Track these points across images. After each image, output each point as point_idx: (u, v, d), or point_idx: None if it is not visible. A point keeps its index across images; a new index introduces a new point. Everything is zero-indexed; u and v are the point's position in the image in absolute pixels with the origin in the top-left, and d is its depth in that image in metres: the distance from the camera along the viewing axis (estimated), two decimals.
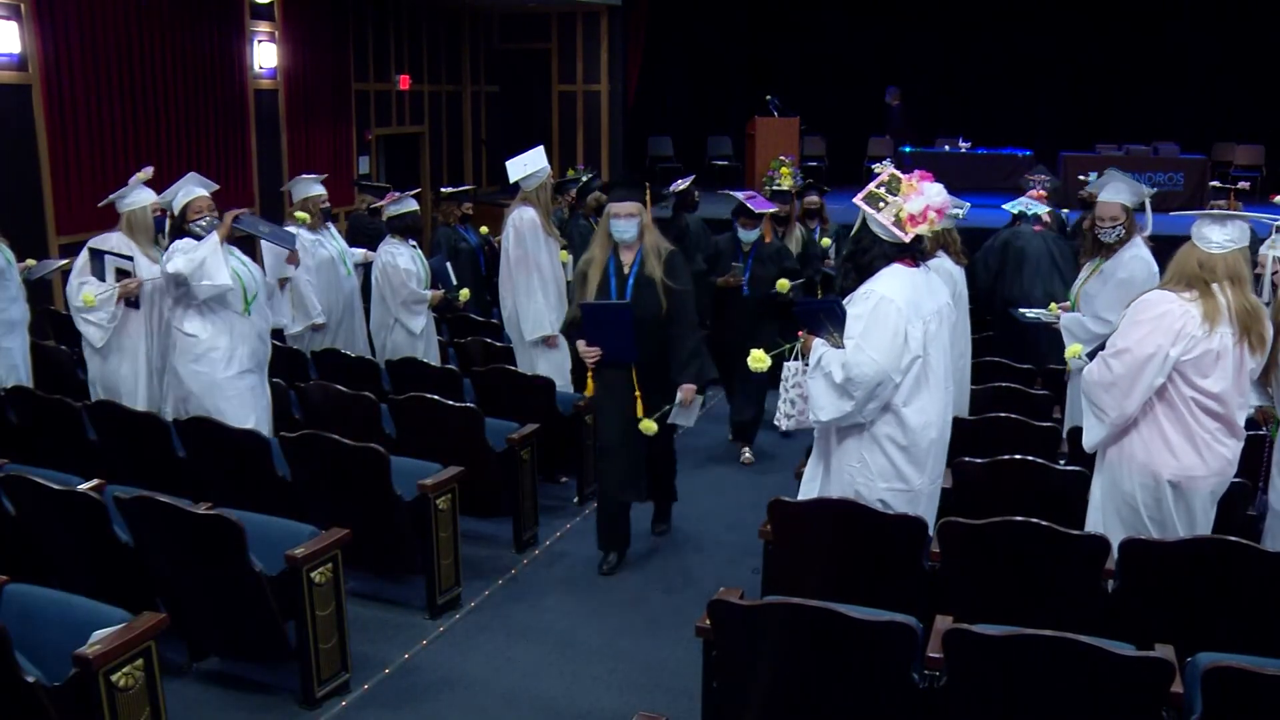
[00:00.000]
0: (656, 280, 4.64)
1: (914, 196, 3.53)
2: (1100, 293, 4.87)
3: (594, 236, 4.92)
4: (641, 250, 4.73)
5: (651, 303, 4.64)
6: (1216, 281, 3.46)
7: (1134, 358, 3.48)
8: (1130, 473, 3.61)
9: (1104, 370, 3.57)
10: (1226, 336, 3.45)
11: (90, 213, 5.45)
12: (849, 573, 3.55)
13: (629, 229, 4.69)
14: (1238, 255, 3.51)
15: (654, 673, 4.01)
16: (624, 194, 4.72)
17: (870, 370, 3.49)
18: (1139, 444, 3.59)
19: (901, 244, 3.58)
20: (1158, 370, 3.46)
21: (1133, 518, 3.62)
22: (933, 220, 3.55)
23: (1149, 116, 14.51)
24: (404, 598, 4.49)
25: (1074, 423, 4.77)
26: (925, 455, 3.65)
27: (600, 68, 13.54)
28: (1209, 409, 3.50)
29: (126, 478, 4.21)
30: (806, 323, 3.77)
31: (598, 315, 4.66)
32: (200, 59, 9.39)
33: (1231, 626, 3.19)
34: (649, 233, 4.74)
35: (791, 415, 3.97)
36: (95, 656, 2.86)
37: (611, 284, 4.75)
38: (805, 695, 2.93)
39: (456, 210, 8.28)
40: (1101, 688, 2.59)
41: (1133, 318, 3.55)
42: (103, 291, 5.25)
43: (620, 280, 4.74)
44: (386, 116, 12.24)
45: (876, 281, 3.58)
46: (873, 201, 3.58)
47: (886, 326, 3.50)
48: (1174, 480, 3.54)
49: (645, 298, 4.64)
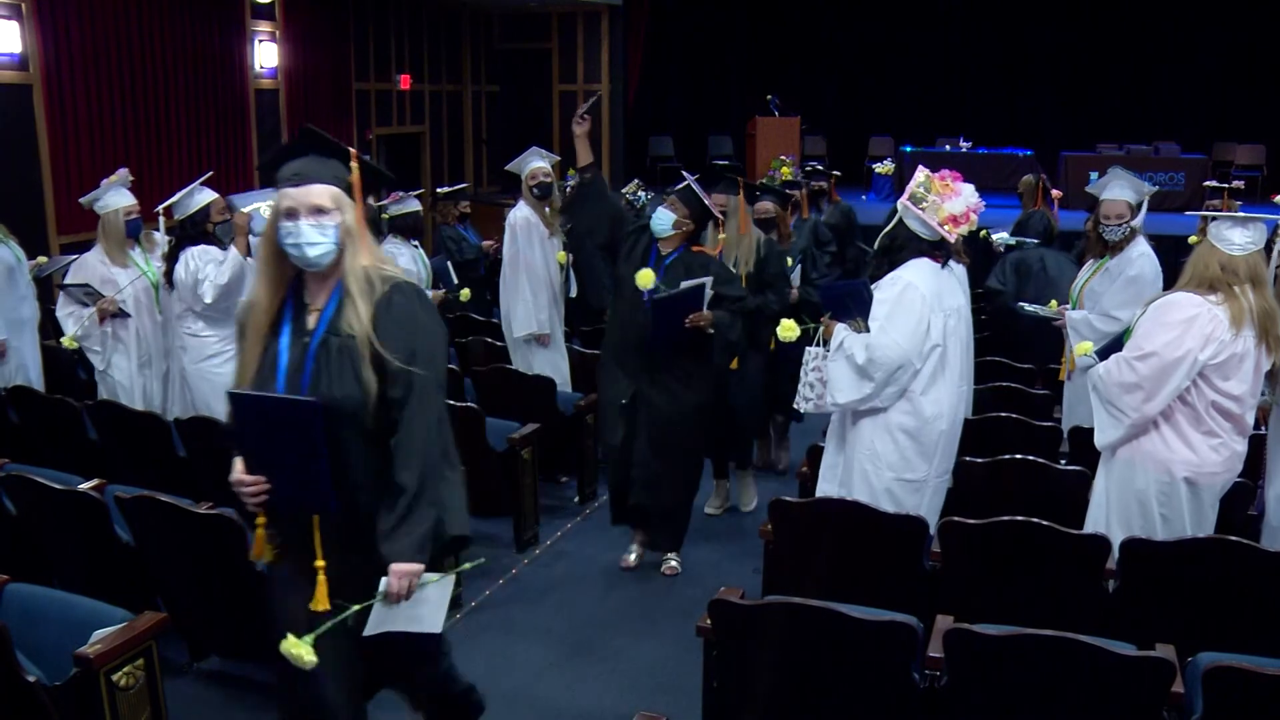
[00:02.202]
0: (359, 341, 2.48)
1: (952, 197, 3.59)
2: (1108, 291, 4.87)
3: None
4: (339, 286, 2.55)
5: (347, 384, 2.49)
6: (1239, 284, 3.45)
7: (1162, 361, 3.44)
8: (1144, 470, 3.58)
9: (1126, 371, 3.52)
10: (1249, 339, 3.45)
11: (90, 212, 5.46)
12: (849, 572, 3.55)
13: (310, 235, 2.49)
14: (1258, 257, 3.50)
15: (654, 673, 4.00)
16: (299, 172, 2.53)
17: (893, 353, 3.59)
18: (1156, 442, 3.56)
19: (935, 241, 3.66)
20: (1186, 374, 3.44)
21: (1141, 516, 3.59)
22: (973, 221, 3.66)
23: (1149, 116, 14.52)
24: None
25: (1074, 422, 4.77)
26: (934, 446, 3.71)
27: (601, 68, 13.54)
28: (1226, 410, 3.49)
29: (127, 477, 4.21)
30: (830, 307, 3.88)
31: (256, 418, 2.54)
32: (201, 58, 9.38)
33: (1232, 626, 3.19)
34: (350, 244, 2.53)
35: (810, 398, 3.99)
36: (96, 656, 2.85)
37: (280, 355, 2.56)
38: (806, 695, 2.93)
39: (454, 210, 8.29)
40: (1102, 688, 2.59)
41: (1158, 319, 3.50)
42: (83, 323, 5.28)
43: (298, 349, 2.56)
44: (387, 116, 12.24)
45: (904, 270, 3.68)
46: (916, 200, 3.65)
47: (912, 312, 3.60)
48: (1189, 478, 3.53)
49: (336, 374, 2.50)
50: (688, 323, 4.41)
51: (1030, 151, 13.77)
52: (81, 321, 5.27)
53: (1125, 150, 13.11)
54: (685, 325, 4.40)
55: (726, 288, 4.55)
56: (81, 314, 5.29)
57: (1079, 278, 5.21)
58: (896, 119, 15.28)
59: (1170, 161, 12.97)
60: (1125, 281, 4.81)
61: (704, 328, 4.46)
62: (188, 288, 4.99)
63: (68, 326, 5.32)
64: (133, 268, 5.41)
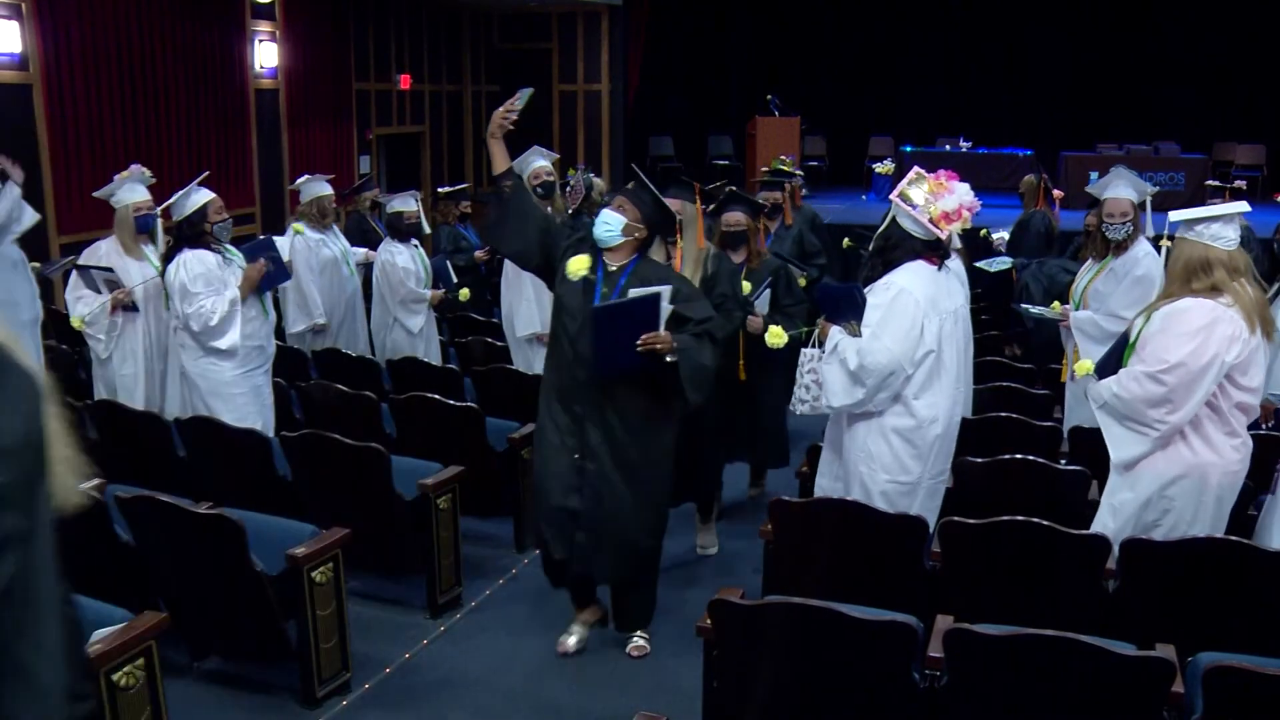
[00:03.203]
0: None
1: (945, 195, 3.58)
2: (1114, 291, 4.86)
3: None
4: None
5: None
6: (1239, 279, 3.43)
7: (1189, 370, 3.35)
8: (1174, 477, 3.49)
9: (1151, 386, 3.40)
10: (1257, 332, 3.44)
11: (90, 212, 5.47)
12: (849, 572, 3.55)
13: None
14: (1242, 248, 3.50)
15: (654, 673, 4.00)
16: None
17: (884, 359, 3.56)
18: (1184, 451, 3.47)
19: (929, 240, 3.64)
20: (1213, 379, 3.37)
21: (1164, 523, 3.51)
22: (966, 219, 3.63)
23: (1149, 116, 14.51)
24: (405, 597, 4.48)
25: (1074, 422, 4.78)
26: (929, 450, 3.70)
27: (601, 67, 13.54)
28: (1244, 404, 3.47)
29: (127, 477, 4.21)
30: (825, 309, 3.85)
31: None
32: (201, 58, 9.38)
33: (1233, 626, 3.19)
34: None
35: (805, 400, 3.97)
36: (96, 656, 2.85)
37: None
38: (806, 695, 2.93)
39: (454, 209, 8.29)
40: (1102, 687, 2.59)
41: (1176, 330, 3.39)
42: (94, 308, 5.26)
43: None
44: (387, 116, 12.24)
45: (898, 274, 3.65)
46: (906, 199, 3.63)
47: (904, 317, 3.57)
48: (1219, 481, 3.48)
49: None
50: (640, 344, 3.51)
51: (1030, 151, 13.76)
52: (92, 307, 5.27)
53: (1125, 150, 13.10)
54: (636, 347, 3.51)
55: (690, 306, 3.68)
56: (93, 299, 5.28)
57: (1080, 278, 5.20)
58: (896, 119, 15.28)
59: (1170, 161, 12.97)
60: (1133, 281, 4.80)
61: (660, 351, 3.54)
62: (175, 292, 4.94)
63: (78, 309, 5.30)
64: (145, 262, 5.41)
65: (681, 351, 3.58)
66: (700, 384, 3.67)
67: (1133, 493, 3.58)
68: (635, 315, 3.51)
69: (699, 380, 3.65)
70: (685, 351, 3.58)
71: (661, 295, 3.55)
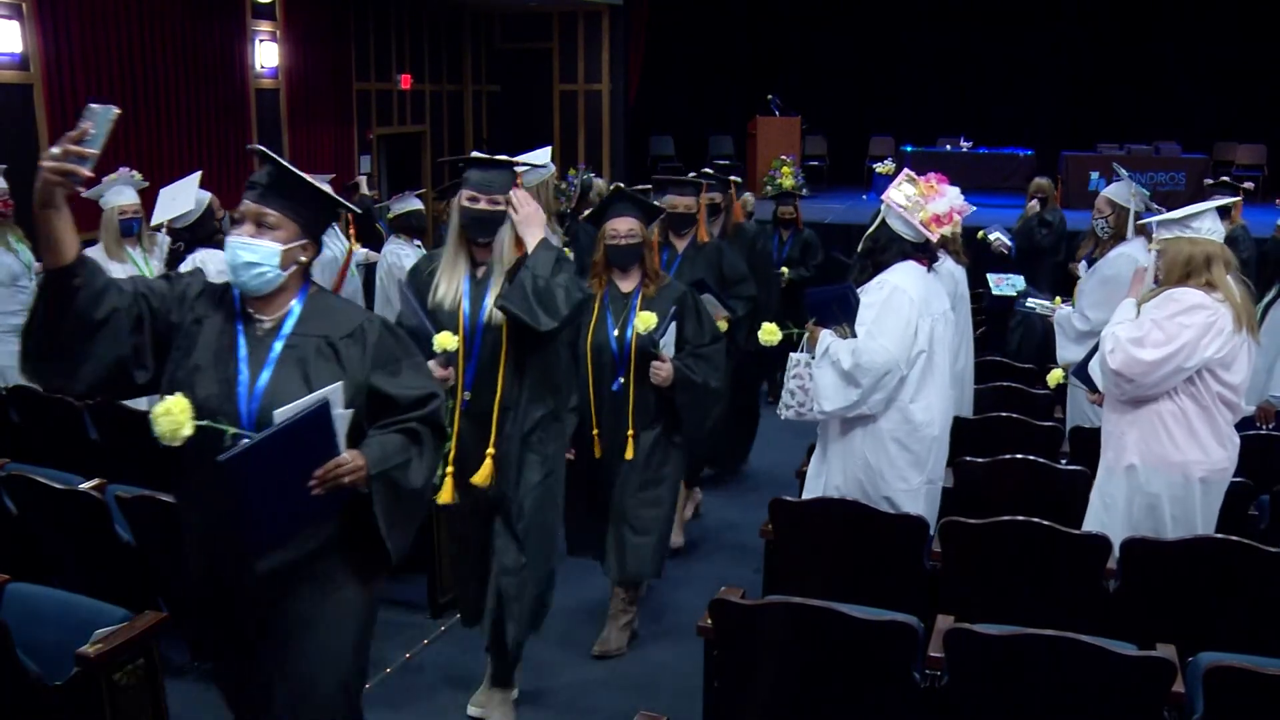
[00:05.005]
0: None
1: (936, 198, 3.57)
2: (1084, 289, 4.87)
3: None
4: None
5: None
6: (1231, 270, 3.44)
7: (1170, 350, 3.34)
8: (1158, 475, 3.50)
9: (1132, 358, 3.37)
10: (1243, 330, 3.44)
11: (91, 213, 5.46)
12: (850, 572, 3.55)
13: None
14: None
15: (654, 673, 4.01)
16: None
17: (881, 358, 3.53)
18: (1169, 446, 3.48)
19: (919, 243, 3.63)
20: (1186, 359, 3.34)
21: (1151, 519, 3.52)
22: (957, 222, 3.63)
23: (1150, 116, 14.50)
24: (406, 597, 4.48)
25: (1075, 422, 4.77)
26: (927, 453, 3.69)
27: (601, 67, 13.54)
28: (1229, 401, 3.48)
29: (128, 477, 4.20)
30: (816, 312, 3.75)
31: None
32: (201, 58, 9.38)
33: (1233, 626, 3.19)
34: None
35: (791, 405, 3.86)
36: (97, 655, 2.85)
37: None
38: (806, 695, 2.93)
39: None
40: (1103, 687, 2.59)
41: (1171, 315, 3.37)
42: None
43: None
44: (388, 116, 12.24)
45: (891, 273, 3.64)
46: (898, 200, 3.62)
47: (900, 315, 3.56)
48: (1204, 478, 3.49)
49: None
50: (314, 481, 2.34)
51: (1030, 151, 13.76)
52: None
53: (1126, 150, 13.09)
54: (309, 491, 2.34)
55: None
56: None
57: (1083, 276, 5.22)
58: (896, 119, 15.27)
59: (1171, 161, 12.96)
60: (1099, 280, 4.75)
61: (347, 484, 2.38)
62: None
63: None
64: (129, 264, 5.41)
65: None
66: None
67: (1109, 487, 3.62)
68: (299, 445, 2.32)
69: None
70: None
71: (328, 401, 2.33)
